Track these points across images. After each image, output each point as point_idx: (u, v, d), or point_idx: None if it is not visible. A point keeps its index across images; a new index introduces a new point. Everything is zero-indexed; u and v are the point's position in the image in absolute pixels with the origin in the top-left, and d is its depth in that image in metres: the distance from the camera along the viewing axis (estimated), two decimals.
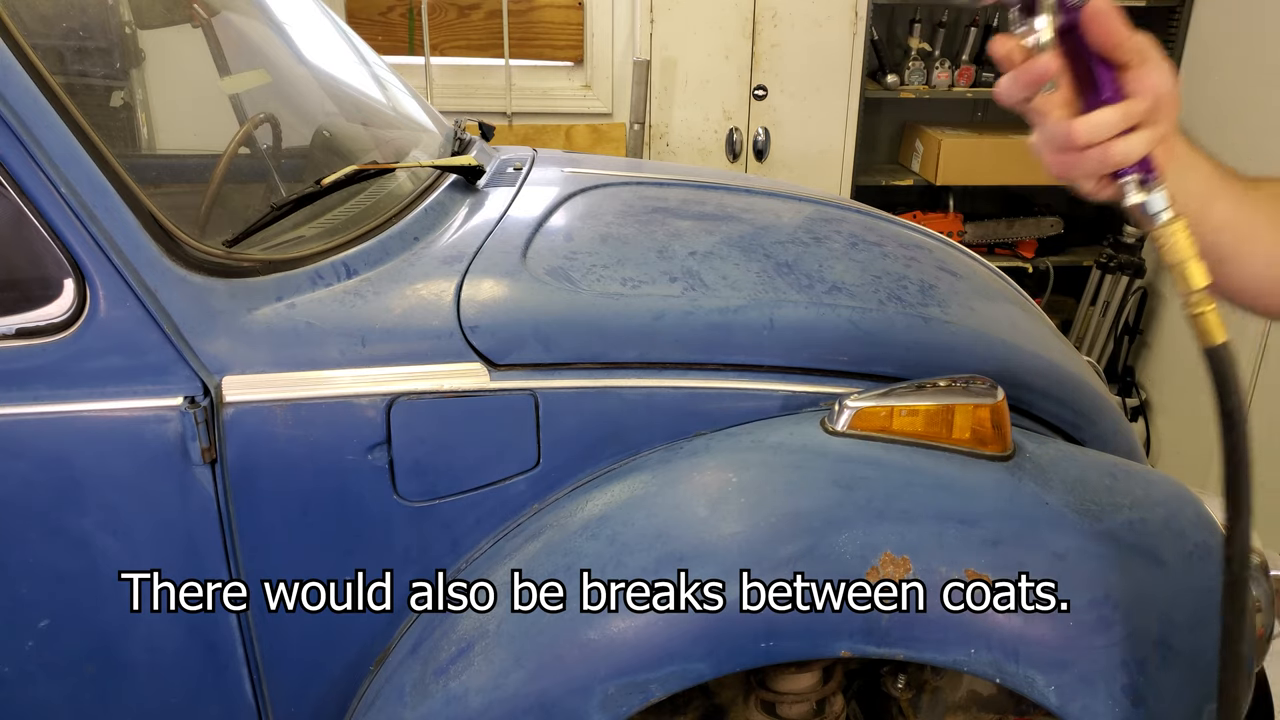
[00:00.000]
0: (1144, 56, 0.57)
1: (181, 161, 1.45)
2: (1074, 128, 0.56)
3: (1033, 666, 0.80)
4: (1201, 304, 0.57)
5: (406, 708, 0.84)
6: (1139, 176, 0.58)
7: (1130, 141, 0.57)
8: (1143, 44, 0.57)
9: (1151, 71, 0.57)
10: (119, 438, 0.83)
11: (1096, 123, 0.56)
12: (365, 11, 2.75)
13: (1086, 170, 0.58)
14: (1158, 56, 0.57)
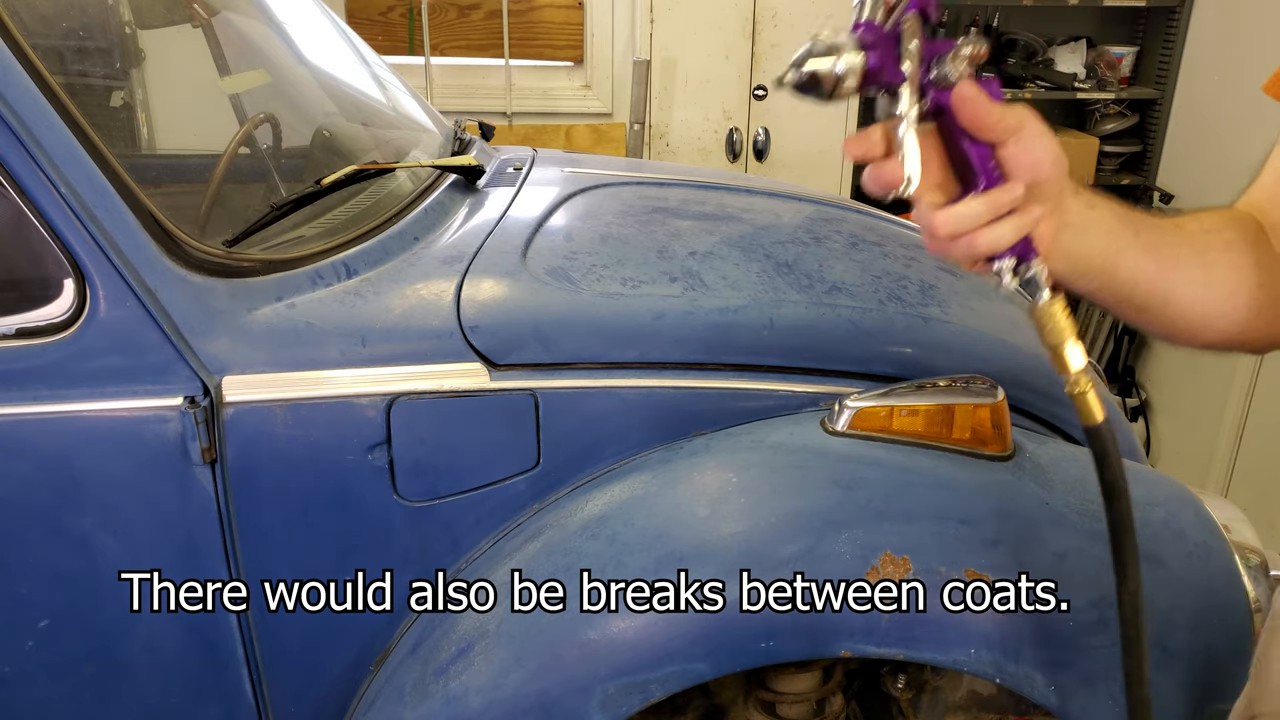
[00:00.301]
0: (1020, 131, 0.54)
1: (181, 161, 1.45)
2: (935, 220, 0.54)
3: (1033, 666, 0.80)
4: (1081, 384, 0.56)
5: (406, 708, 0.84)
6: (1013, 261, 0.56)
7: (998, 230, 0.54)
8: (1018, 118, 0.54)
9: (1029, 147, 0.54)
10: (119, 438, 0.83)
11: (959, 215, 0.53)
12: (365, 11, 2.75)
13: (957, 257, 0.56)
14: (1037, 127, 0.55)
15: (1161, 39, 2.79)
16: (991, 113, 0.53)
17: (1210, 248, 0.62)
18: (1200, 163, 2.74)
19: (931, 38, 0.53)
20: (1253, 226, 0.65)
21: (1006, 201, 0.54)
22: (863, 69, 0.51)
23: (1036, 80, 2.78)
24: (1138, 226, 0.60)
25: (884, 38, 0.51)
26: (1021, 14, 2.86)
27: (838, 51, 0.51)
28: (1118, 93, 2.80)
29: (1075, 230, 0.58)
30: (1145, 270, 0.60)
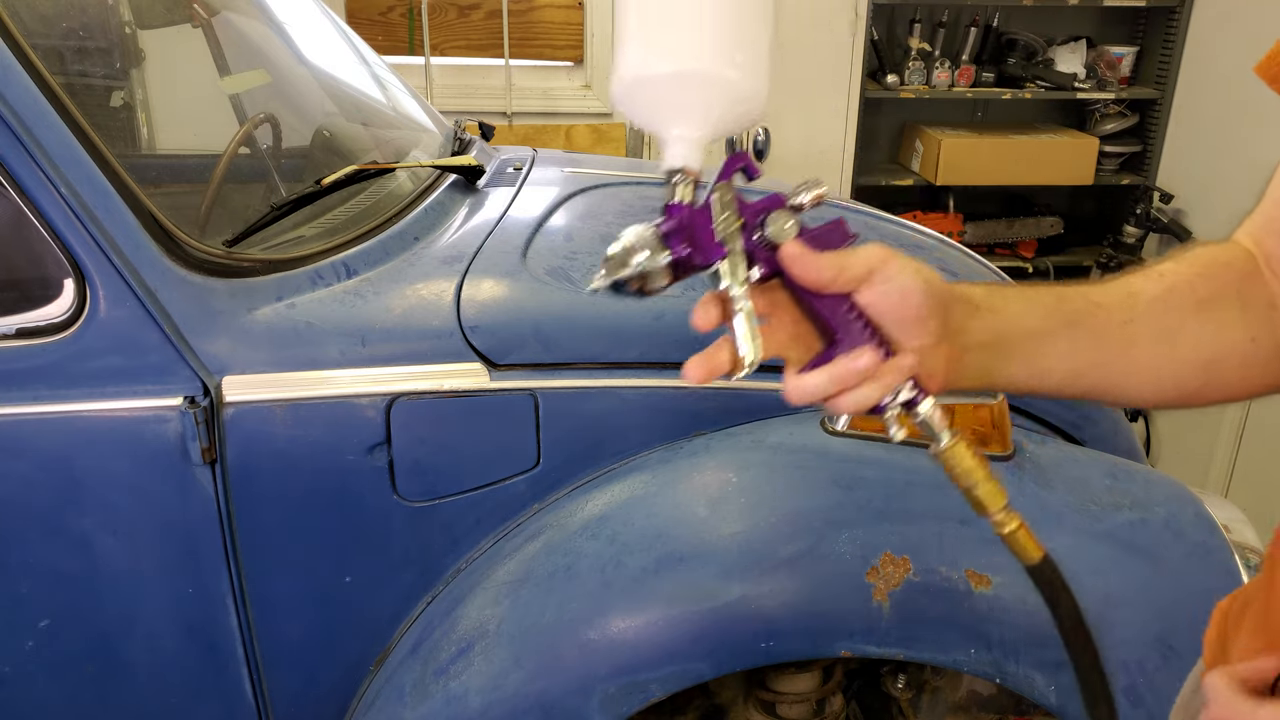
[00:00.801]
0: (873, 276, 0.47)
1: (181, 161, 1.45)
2: (787, 390, 0.48)
3: (1033, 666, 0.80)
4: (1008, 523, 0.50)
5: (406, 708, 0.84)
6: (898, 409, 0.49)
7: (860, 394, 0.47)
8: (865, 265, 0.47)
9: (887, 291, 0.48)
10: (119, 438, 0.83)
11: (809, 388, 0.47)
12: (365, 11, 2.75)
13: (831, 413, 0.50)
14: (893, 267, 0.48)
15: (1161, 39, 2.79)
16: (827, 269, 0.47)
17: (1173, 313, 0.53)
18: (1200, 163, 2.74)
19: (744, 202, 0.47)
20: (1238, 270, 0.55)
21: (860, 369, 0.47)
22: (668, 266, 0.46)
23: (1036, 80, 2.78)
24: (1073, 315, 0.52)
25: (695, 217, 0.46)
26: (1021, 14, 2.86)
27: (636, 251, 0.46)
28: (1118, 93, 2.80)
29: (983, 348, 0.51)
30: (1088, 361, 0.52)
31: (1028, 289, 0.54)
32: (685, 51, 0.45)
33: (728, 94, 0.46)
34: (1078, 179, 2.81)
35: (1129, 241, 2.80)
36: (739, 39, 0.45)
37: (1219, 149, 2.65)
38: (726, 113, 0.46)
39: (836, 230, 0.49)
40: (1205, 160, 2.72)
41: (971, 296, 0.52)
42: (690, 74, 0.45)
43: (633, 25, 0.46)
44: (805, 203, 0.48)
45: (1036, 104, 2.98)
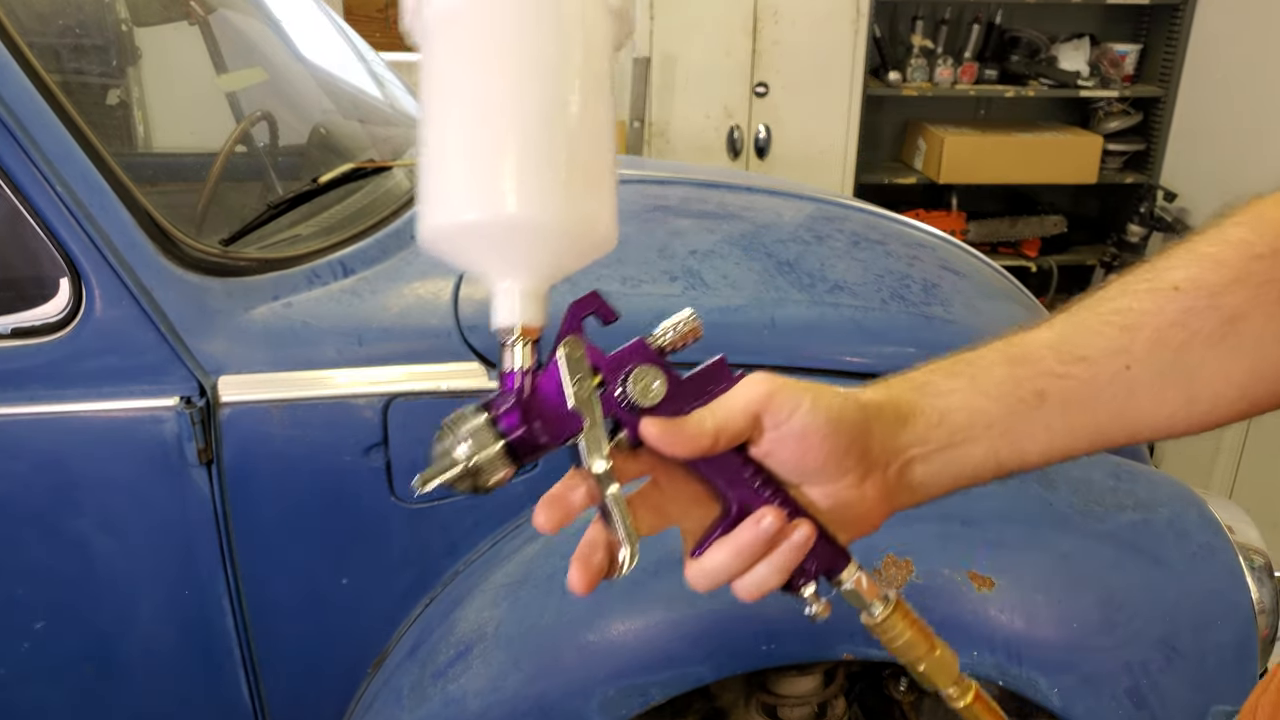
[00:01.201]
0: (761, 426, 0.40)
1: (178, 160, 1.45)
2: (687, 575, 0.42)
3: (1036, 669, 0.80)
4: (963, 696, 0.44)
5: (404, 710, 0.84)
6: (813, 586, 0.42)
7: (757, 576, 0.41)
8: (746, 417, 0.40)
9: (781, 442, 0.40)
10: (115, 438, 0.83)
11: (708, 570, 0.41)
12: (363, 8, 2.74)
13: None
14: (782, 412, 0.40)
15: (1165, 36, 2.78)
16: (699, 436, 0.39)
17: (1190, 348, 0.41)
18: (1204, 160, 2.73)
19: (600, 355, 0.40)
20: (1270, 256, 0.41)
21: (756, 540, 0.40)
22: (505, 453, 0.38)
23: (1039, 78, 2.77)
24: (1038, 388, 0.42)
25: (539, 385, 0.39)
26: (1024, 11, 2.85)
27: (460, 442, 0.38)
28: (1121, 90, 2.79)
29: (928, 459, 0.43)
30: (1071, 429, 0.43)
31: (982, 359, 0.44)
32: (492, 196, 0.38)
33: (559, 237, 0.39)
34: (1081, 177, 2.80)
35: (1133, 240, 2.80)
36: (562, 172, 0.39)
37: (1223, 147, 2.64)
38: (561, 256, 0.40)
39: (716, 371, 0.41)
40: (1209, 158, 2.71)
41: (899, 403, 0.43)
42: (500, 223, 0.38)
43: (433, 164, 0.39)
44: (672, 343, 0.41)
45: (1039, 102, 2.98)
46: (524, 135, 0.39)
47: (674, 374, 0.41)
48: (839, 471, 0.42)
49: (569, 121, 0.39)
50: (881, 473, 0.42)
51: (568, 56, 0.40)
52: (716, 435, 0.40)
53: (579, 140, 0.40)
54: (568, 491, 0.41)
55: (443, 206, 0.39)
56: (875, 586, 0.43)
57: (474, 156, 0.39)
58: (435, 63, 0.40)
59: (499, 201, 0.38)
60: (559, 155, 0.39)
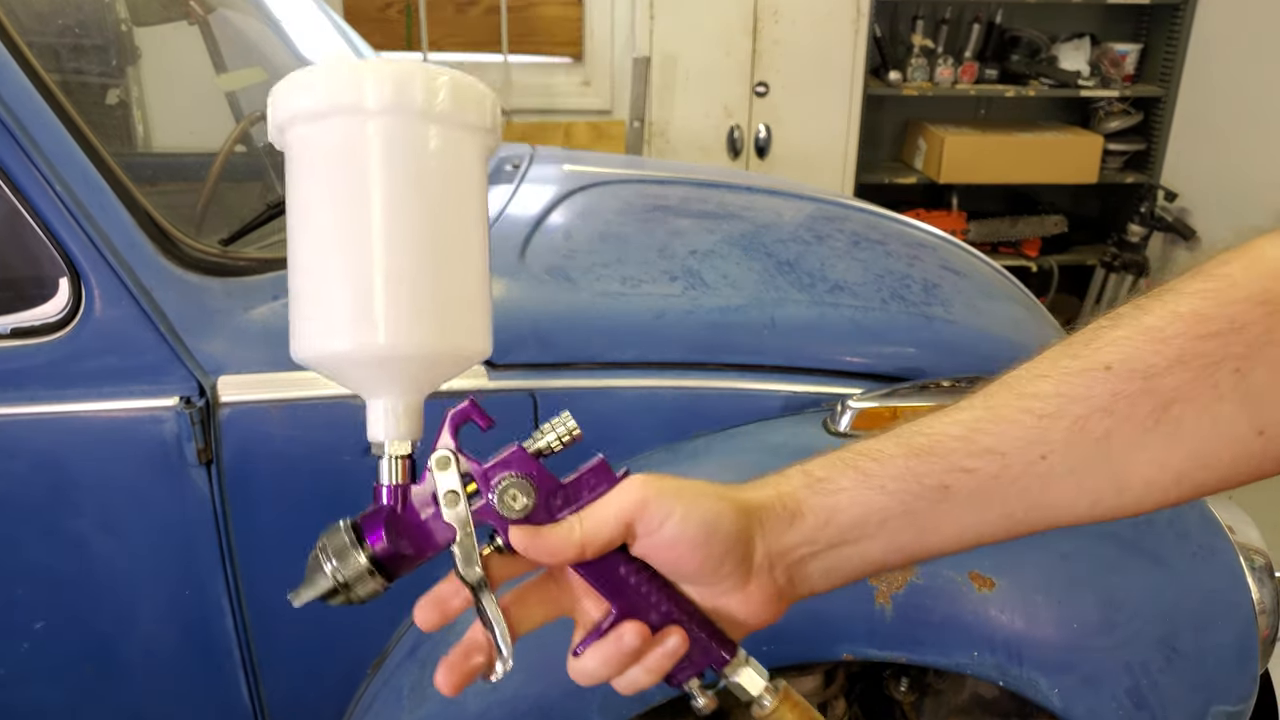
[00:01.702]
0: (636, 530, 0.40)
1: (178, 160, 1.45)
2: (570, 670, 0.42)
3: (1036, 669, 0.80)
4: None
5: (404, 711, 0.84)
6: (698, 681, 0.43)
7: (630, 678, 0.41)
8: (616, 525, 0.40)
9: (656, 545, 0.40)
10: (114, 438, 0.83)
11: (584, 671, 0.42)
12: (363, 8, 2.74)
13: None
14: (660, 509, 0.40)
15: (1166, 36, 2.78)
16: (566, 548, 0.40)
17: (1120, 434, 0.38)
18: (1205, 160, 2.73)
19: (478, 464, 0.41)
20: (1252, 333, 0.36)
21: (626, 649, 0.41)
22: (372, 568, 0.40)
23: (1040, 77, 2.77)
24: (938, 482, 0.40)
25: (411, 498, 0.41)
26: (1024, 11, 2.85)
27: (328, 557, 0.40)
28: (1122, 90, 2.79)
29: (821, 555, 0.42)
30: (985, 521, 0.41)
31: (884, 452, 0.42)
32: (363, 328, 0.39)
33: (431, 359, 0.40)
34: (1082, 177, 2.80)
35: (1133, 240, 2.79)
36: (431, 299, 0.39)
37: (1224, 147, 2.64)
38: (434, 373, 0.41)
39: (597, 473, 0.42)
40: (1210, 158, 2.71)
41: (787, 502, 0.42)
42: (376, 353, 0.39)
43: (303, 289, 0.40)
44: (550, 448, 0.42)
45: (1040, 101, 2.97)
46: (390, 268, 0.39)
47: (549, 480, 0.42)
48: (715, 577, 0.42)
49: (436, 252, 0.40)
50: (768, 574, 0.42)
51: (431, 189, 0.40)
52: (583, 545, 0.41)
53: (446, 267, 0.41)
54: (448, 594, 0.41)
55: (316, 333, 0.40)
56: (762, 678, 0.43)
57: (343, 287, 0.40)
58: (300, 187, 0.41)
59: (369, 333, 0.39)
60: (426, 286, 0.40)
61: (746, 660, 0.43)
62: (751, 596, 0.42)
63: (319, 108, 0.41)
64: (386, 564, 0.41)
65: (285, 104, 0.42)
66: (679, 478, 0.42)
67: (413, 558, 0.41)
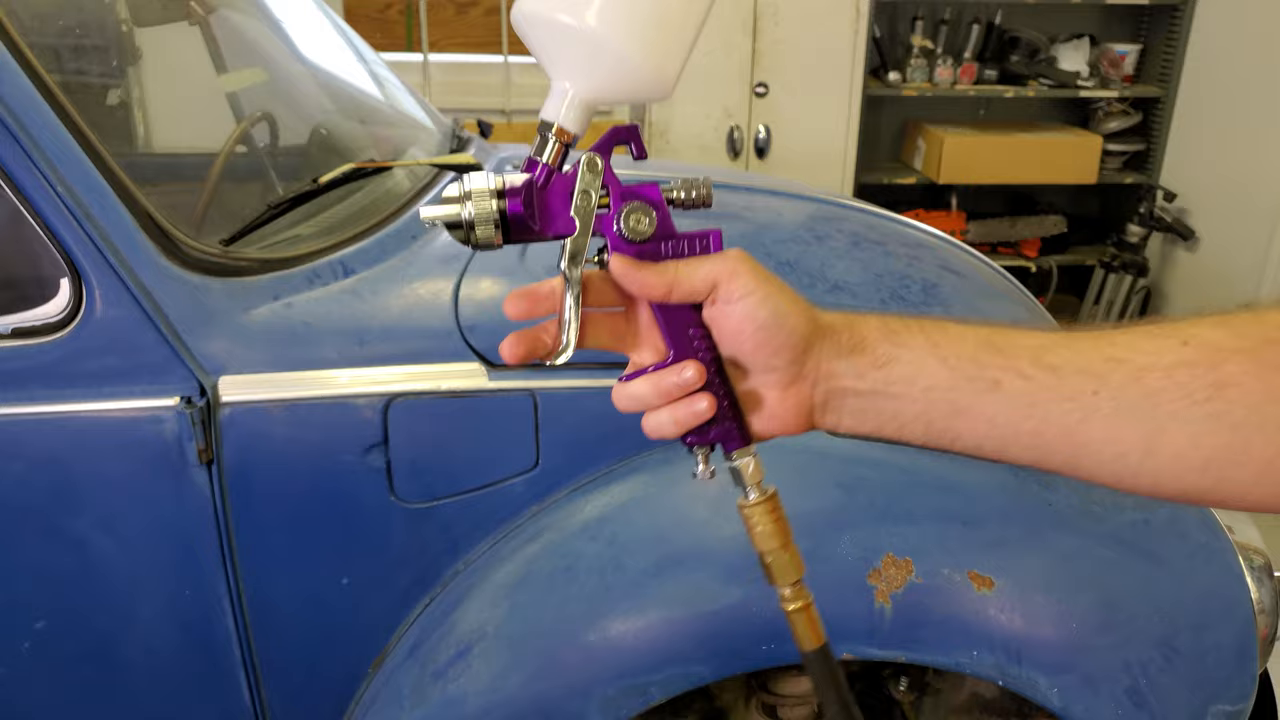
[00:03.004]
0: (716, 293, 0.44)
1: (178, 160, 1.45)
2: (613, 392, 0.47)
3: (1035, 668, 0.80)
4: (795, 600, 0.47)
5: (405, 710, 0.84)
6: (704, 450, 0.47)
7: (658, 419, 0.45)
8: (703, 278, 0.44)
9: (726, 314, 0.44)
10: (115, 438, 0.83)
11: (629, 394, 0.46)
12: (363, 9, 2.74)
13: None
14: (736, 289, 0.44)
15: (1165, 36, 2.78)
16: (655, 285, 0.44)
17: (1170, 393, 0.39)
18: (1204, 161, 2.73)
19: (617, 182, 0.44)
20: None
21: (671, 385, 0.44)
22: (499, 222, 0.44)
23: (1039, 78, 2.77)
24: (994, 376, 0.42)
25: (553, 182, 0.44)
26: (1024, 11, 2.85)
27: (472, 195, 0.44)
28: (1121, 91, 2.80)
29: (862, 395, 0.45)
30: (1015, 431, 0.42)
31: (962, 331, 0.44)
32: (584, 6, 0.41)
33: (621, 66, 0.43)
34: (1081, 177, 2.80)
35: (1132, 240, 2.80)
36: (647, 14, 0.42)
37: (1223, 147, 2.64)
38: (618, 84, 0.43)
39: (707, 238, 0.46)
40: (1209, 159, 2.71)
41: (855, 334, 0.45)
42: (582, 32, 0.42)
43: None
44: (682, 200, 0.46)
45: (1039, 102, 2.98)
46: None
47: (671, 225, 0.45)
48: (765, 366, 0.45)
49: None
50: (810, 386, 0.45)
51: None
52: (670, 287, 0.44)
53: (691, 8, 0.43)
54: (543, 294, 0.46)
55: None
56: (759, 475, 0.48)
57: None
58: None
59: (588, 13, 0.42)
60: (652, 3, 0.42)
61: (755, 454, 0.48)
62: (786, 398, 0.46)
63: None
64: (511, 223, 0.44)
65: None
66: (776, 277, 0.45)
67: (533, 232, 0.45)
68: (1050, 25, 2.87)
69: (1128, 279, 2.79)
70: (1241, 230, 2.55)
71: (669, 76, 0.44)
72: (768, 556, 0.47)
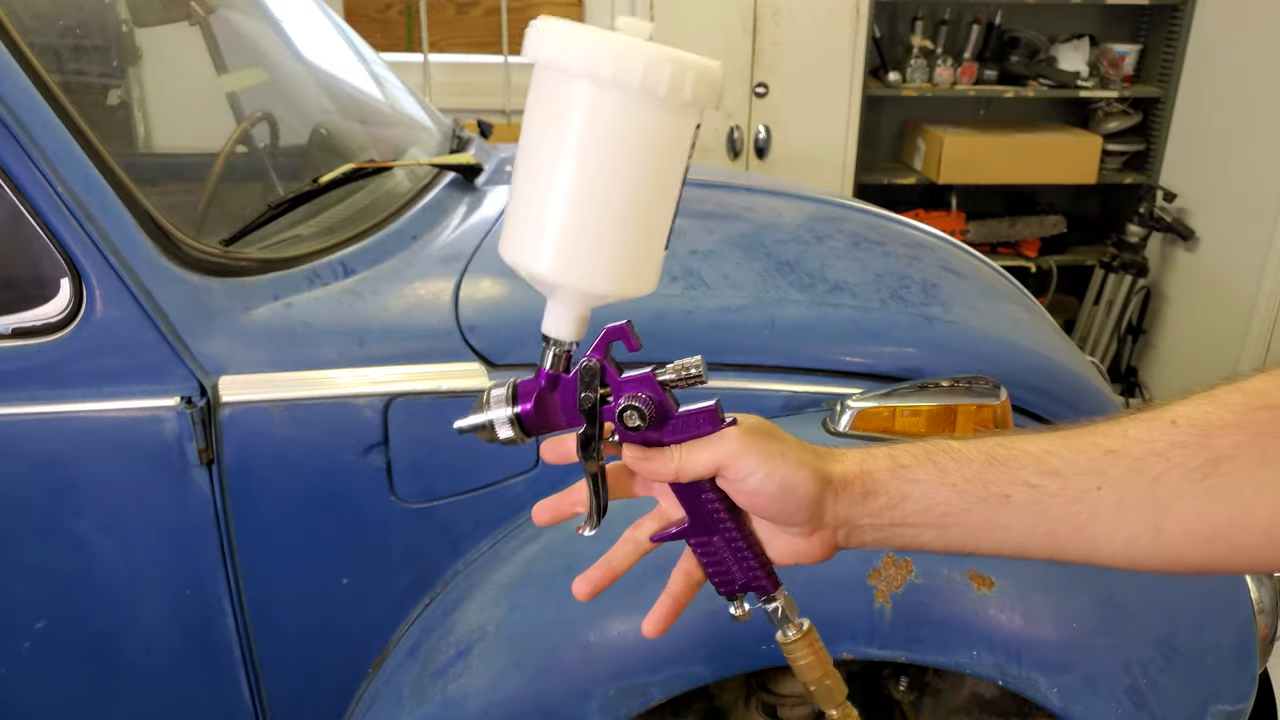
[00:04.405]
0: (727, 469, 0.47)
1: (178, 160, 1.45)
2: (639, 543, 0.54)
3: (1035, 668, 0.80)
4: (845, 718, 0.51)
5: (405, 710, 0.84)
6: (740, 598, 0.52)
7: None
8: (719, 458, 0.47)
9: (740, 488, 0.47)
10: (115, 438, 0.83)
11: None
12: (363, 9, 2.74)
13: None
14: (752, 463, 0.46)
15: (1165, 37, 2.78)
16: (663, 470, 0.48)
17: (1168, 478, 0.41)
18: (1204, 161, 2.73)
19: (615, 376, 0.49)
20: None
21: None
22: (515, 423, 0.50)
23: (1039, 78, 2.77)
24: (1002, 491, 0.45)
25: (560, 385, 0.50)
26: (1023, 12, 2.85)
27: (491, 403, 0.50)
28: (1120, 91, 2.79)
29: (880, 530, 0.48)
30: (1031, 536, 0.45)
31: (965, 452, 0.46)
32: (564, 266, 0.46)
33: (596, 294, 0.48)
34: (1081, 178, 2.80)
35: (1132, 240, 2.80)
36: (608, 251, 0.46)
37: (1223, 147, 2.64)
38: (601, 299, 0.48)
39: (705, 414, 0.49)
40: (1209, 159, 2.71)
41: (866, 480, 0.47)
42: (567, 287, 0.47)
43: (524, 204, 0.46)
44: (674, 382, 0.49)
45: (1039, 102, 2.97)
46: (597, 222, 0.45)
47: (666, 407, 0.49)
48: (784, 526, 0.49)
49: (644, 219, 0.47)
50: (831, 532, 0.49)
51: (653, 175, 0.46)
52: (678, 474, 0.49)
53: (646, 231, 0.47)
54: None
55: (523, 252, 0.47)
56: (794, 612, 0.52)
57: (552, 223, 0.45)
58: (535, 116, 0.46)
59: (565, 272, 0.46)
60: (626, 241, 0.46)
61: (785, 595, 0.52)
62: (812, 544, 0.49)
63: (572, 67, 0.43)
64: (527, 423, 0.50)
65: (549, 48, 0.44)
66: (775, 434, 0.49)
67: (546, 427, 0.51)
68: (1050, 25, 2.87)
69: (1128, 279, 2.79)
70: (1241, 230, 2.55)
71: (647, 285, 0.49)
72: (812, 686, 0.51)
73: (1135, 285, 2.80)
